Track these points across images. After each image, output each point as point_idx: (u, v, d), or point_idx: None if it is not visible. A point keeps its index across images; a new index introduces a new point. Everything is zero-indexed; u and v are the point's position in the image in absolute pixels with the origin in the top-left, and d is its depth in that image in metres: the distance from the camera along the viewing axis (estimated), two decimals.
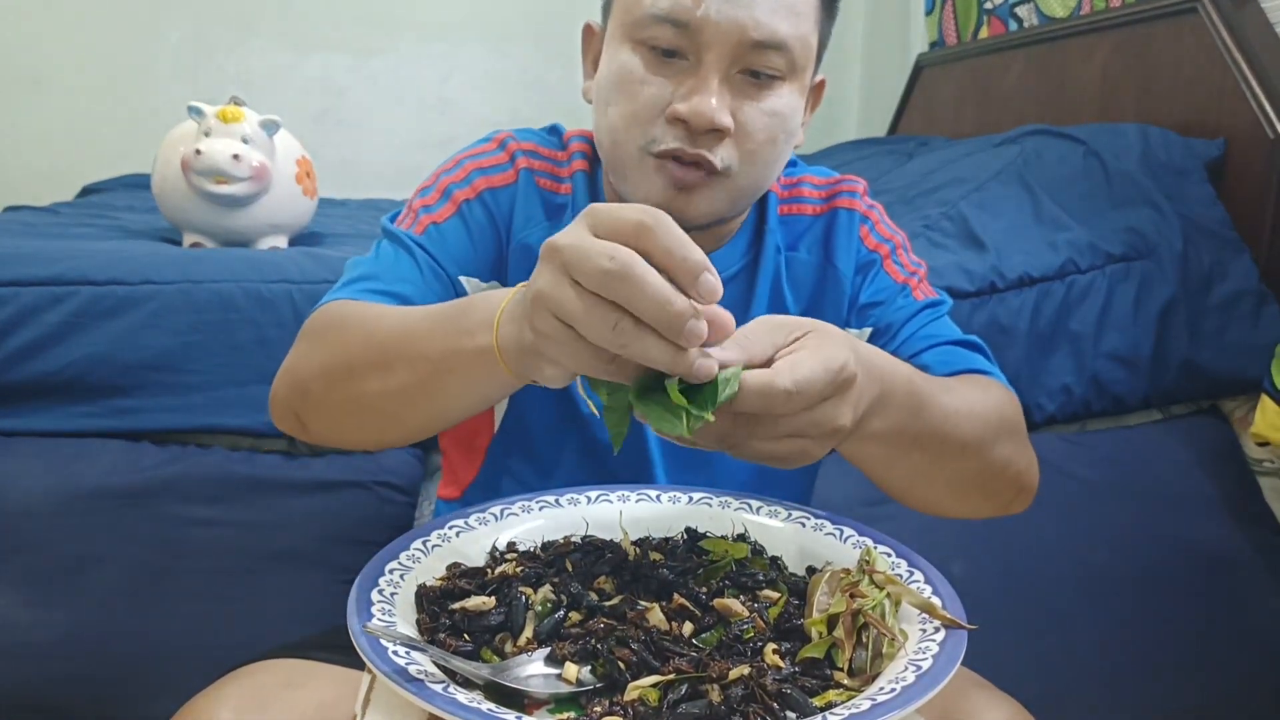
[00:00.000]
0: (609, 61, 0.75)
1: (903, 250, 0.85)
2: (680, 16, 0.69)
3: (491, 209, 0.80)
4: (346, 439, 0.72)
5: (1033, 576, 1.22)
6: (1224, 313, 1.37)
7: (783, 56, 0.71)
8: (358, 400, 0.64)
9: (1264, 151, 1.43)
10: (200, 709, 0.63)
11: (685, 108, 0.70)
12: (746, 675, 0.47)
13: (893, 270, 0.84)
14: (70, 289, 1.15)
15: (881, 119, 2.77)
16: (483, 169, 0.81)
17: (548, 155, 0.83)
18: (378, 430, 0.68)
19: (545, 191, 0.82)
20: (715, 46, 0.70)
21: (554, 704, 0.48)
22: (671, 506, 0.68)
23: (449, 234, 0.78)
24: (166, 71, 2.62)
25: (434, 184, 0.80)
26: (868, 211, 0.86)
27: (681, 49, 0.71)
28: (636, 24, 0.71)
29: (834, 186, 0.86)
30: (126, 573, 1.10)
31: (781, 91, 0.73)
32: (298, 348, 0.70)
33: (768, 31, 0.70)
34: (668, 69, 0.71)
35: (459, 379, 0.59)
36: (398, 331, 0.63)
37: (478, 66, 2.82)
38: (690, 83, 0.71)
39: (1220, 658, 1.23)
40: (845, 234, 0.84)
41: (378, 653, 0.46)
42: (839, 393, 0.53)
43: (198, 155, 1.40)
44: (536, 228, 0.80)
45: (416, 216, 0.78)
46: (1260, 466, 1.35)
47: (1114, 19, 1.82)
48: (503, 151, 0.82)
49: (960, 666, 0.48)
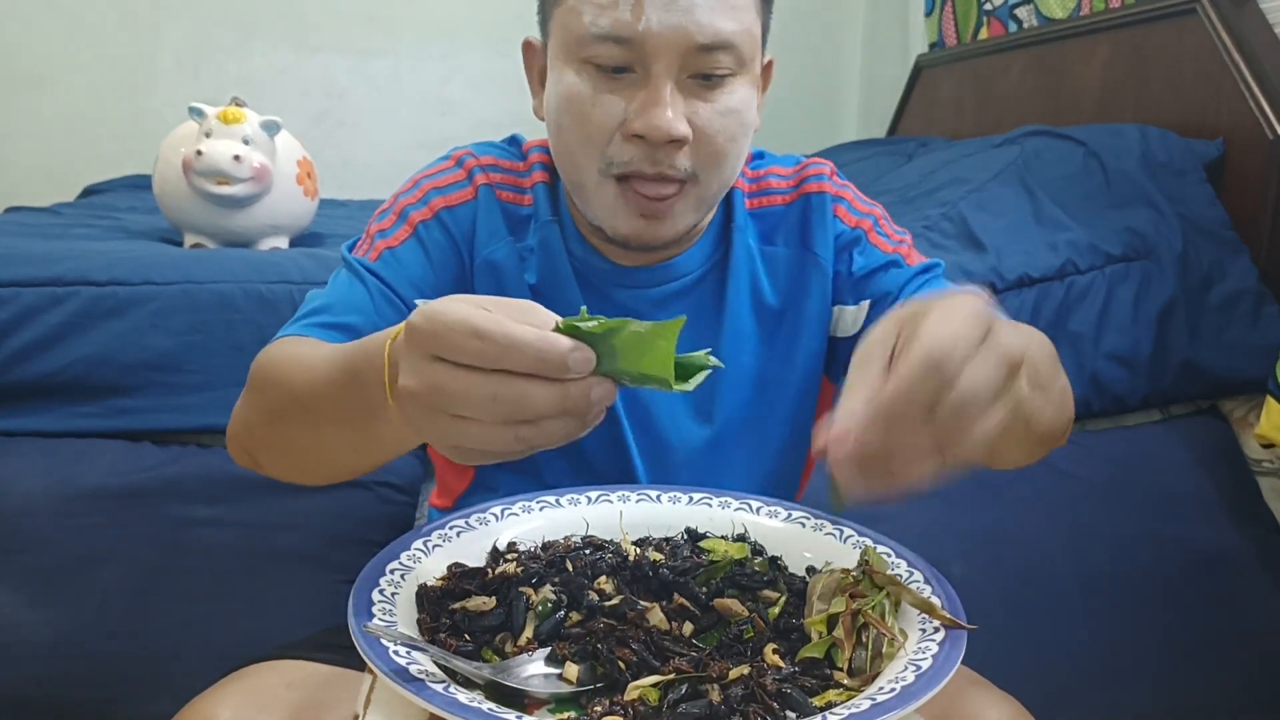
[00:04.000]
0: (555, 83, 0.73)
1: (884, 220, 0.84)
2: (622, 32, 0.68)
3: (450, 228, 0.79)
4: (294, 477, 0.71)
5: (1032, 576, 1.22)
6: (1223, 313, 1.37)
7: (730, 54, 0.70)
8: (292, 446, 0.66)
9: (1263, 152, 1.43)
10: (201, 709, 0.63)
11: (641, 124, 0.69)
12: (746, 675, 0.47)
13: (879, 242, 0.82)
14: (71, 289, 1.16)
15: (881, 120, 2.78)
16: (440, 188, 0.80)
17: (508, 168, 0.82)
18: (321, 470, 0.68)
19: (507, 205, 0.81)
20: (661, 56, 0.68)
21: (554, 704, 0.48)
22: (671, 506, 0.68)
23: (404, 258, 0.77)
24: (167, 72, 2.62)
25: (391, 207, 0.80)
26: (839, 191, 0.84)
27: (628, 63, 0.69)
28: (578, 43, 0.70)
29: (800, 172, 0.84)
30: (127, 573, 1.10)
31: (733, 87, 0.71)
32: (246, 388, 0.70)
33: (711, 33, 0.68)
34: (616, 85, 0.70)
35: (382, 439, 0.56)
36: (311, 382, 0.61)
37: (478, 67, 2.82)
38: (641, 96, 0.69)
39: (1220, 657, 1.24)
40: (819, 218, 0.82)
41: (378, 653, 0.46)
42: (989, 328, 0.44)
43: (199, 156, 1.40)
44: (500, 243, 0.79)
45: (372, 242, 0.78)
46: (1260, 466, 1.35)
47: (1113, 20, 1.82)
48: (460, 169, 0.81)
49: (960, 666, 0.48)
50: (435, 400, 0.46)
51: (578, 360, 0.45)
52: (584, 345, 0.46)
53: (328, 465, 0.66)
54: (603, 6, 0.68)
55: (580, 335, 0.46)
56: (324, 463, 0.66)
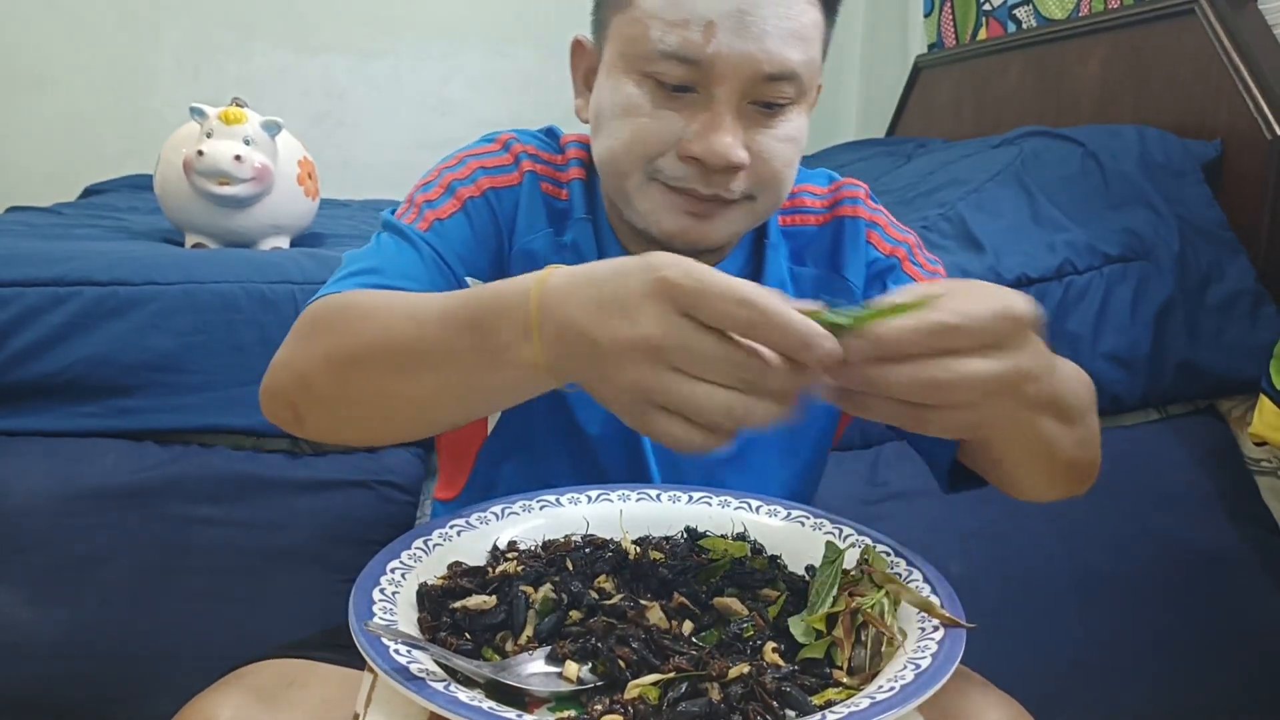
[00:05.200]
0: (611, 91, 0.72)
1: (919, 249, 0.84)
2: (690, 53, 0.67)
3: (495, 208, 0.77)
4: (345, 435, 0.68)
5: (1030, 575, 1.23)
6: (1221, 313, 1.37)
7: (793, 84, 0.69)
8: (369, 397, 0.61)
9: (1261, 153, 1.43)
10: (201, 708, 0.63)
11: (700, 148, 0.68)
12: (746, 674, 0.48)
13: (913, 272, 0.82)
14: (73, 289, 1.16)
15: (880, 120, 2.78)
16: (487, 169, 0.78)
17: (548, 159, 0.81)
18: (385, 428, 0.65)
19: (548, 196, 0.79)
20: (727, 81, 0.67)
21: (555, 702, 0.48)
22: (671, 506, 0.68)
23: (453, 230, 0.75)
24: (168, 73, 2.62)
25: (436, 179, 0.78)
26: (873, 216, 0.83)
27: (690, 83, 0.68)
28: (642, 57, 0.69)
29: (835, 194, 0.84)
30: (129, 572, 1.10)
31: (791, 116, 0.71)
32: (297, 339, 0.66)
33: (779, 63, 0.67)
34: (676, 103, 0.69)
35: (493, 383, 0.55)
36: (413, 329, 0.58)
37: (478, 68, 2.82)
38: (702, 118, 0.68)
39: (1218, 657, 1.24)
40: (852, 243, 0.81)
41: (379, 652, 0.47)
42: (1018, 337, 0.48)
43: (200, 156, 1.40)
44: (540, 233, 0.78)
45: (420, 211, 0.76)
46: (1258, 466, 1.35)
47: (1112, 21, 1.82)
48: (507, 153, 0.80)
49: (959, 665, 0.48)
50: (674, 355, 0.46)
51: (830, 353, 0.46)
52: (834, 339, 0.46)
53: (406, 419, 0.62)
54: (672, 24, 0.67)
55: (828, 326, 0.47)
56: (402, 416, 0.62)
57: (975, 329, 0.47)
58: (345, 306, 0.65)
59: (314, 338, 0.65)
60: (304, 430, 0.67)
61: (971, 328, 0.47)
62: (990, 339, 0.47)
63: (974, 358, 0.47)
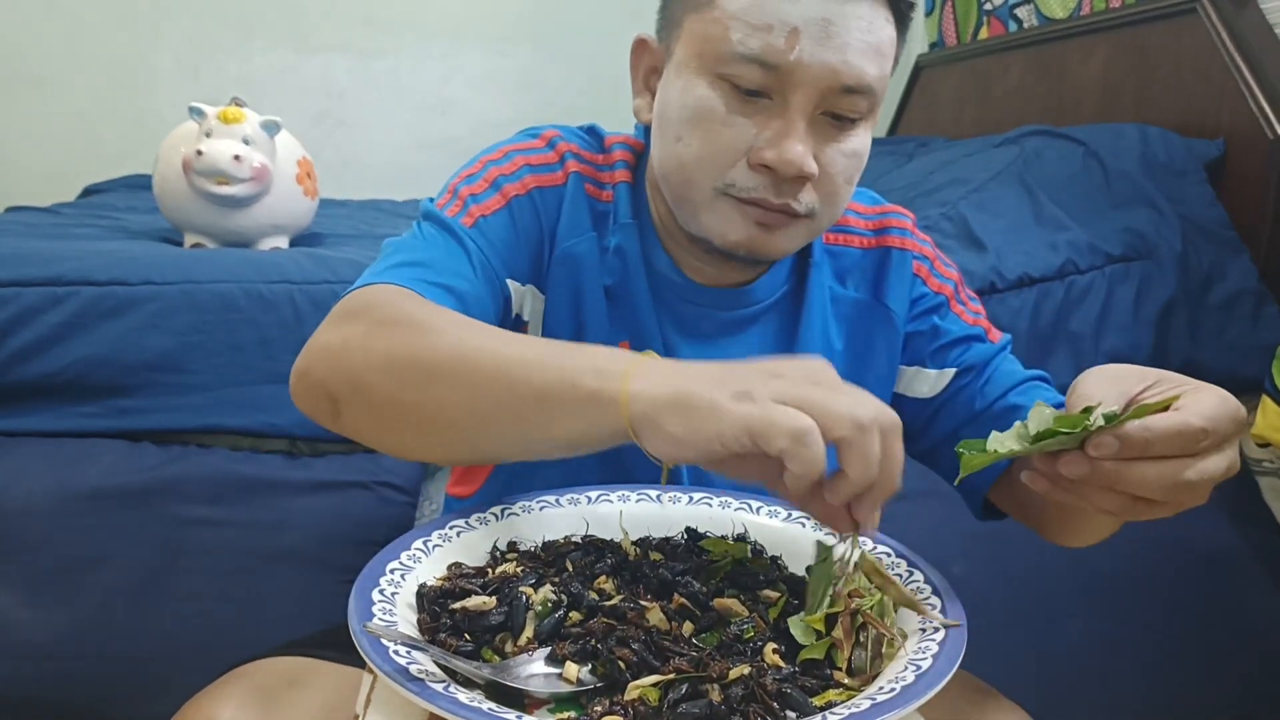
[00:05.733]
0: (682, 92, 0.70)
1: (962, 288, 0.84)
2: (771, 59, 0.66)
3: (539, 209, 0.75)
4: (388, 441, 0.63)
5: (1031, 576, 1.22)
6: (1223, 313, 1.37)
7: (866, 99, 0.69)
8: (430, 412, 0.58)
9: (1263, 152, 1.43)
10: (201, 708, 0.63)
11: (773, 155, 0.67)
12: (746, 675, 0.47)
13: (960, 312, 0.82)
14: (71, 289, 1.16)
15: (882, 119, 2.77)
16: (532, 166, 0.76)
17: (590, 159, 0.79)
18: (435, 445, 0.62)
19: (591, 198, 0.78)
20: (804, 89, 0.67)
21: (554, 703, 0.48)
22: (671, 506, 0.68)
23: (496, 228, 0.73)
24: (168, 72, 2.62)
25: (480, 172, 0.75)
26: (922, 249, 0.83)
27: (766, 89, 0.67)
28: (719, 59, 0.67)
29: (882, 219, 0.84)
30: (127, 572, 1.10)
31: (859, 132, 0.71)
32: (347, 325, 0.62)
33: (857, 75, 0.67)
34: (750, 108, 0.68)
35: (562, 416, 0.54)
36: (497, 349, 0.57)
37: (478, 68, 2.82)
38: (775, 125, 0.68)
39: (1218, 657, 1.24)
40: (898, 274, 0.81)
41: (379, 652, 0.46)
42: (1240, 431, 0.53)
43: (199, 156, 1.40)
44: (583, 236, 0.76)
45: (465, 205, 0.73)
46: (1259, 466, 1.35)
47: (1113, 20, 1.82)
48: (551, 151, 0.78)
49: (963, 670, 0.48)
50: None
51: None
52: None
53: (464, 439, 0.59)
54: (756, 27, 0.66)
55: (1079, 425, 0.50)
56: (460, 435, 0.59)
57: (1219, 432, 0.51)
58: (409, 305, 0.62)
59: (373, 332, 0.60)
60: (338, 424, 0.63)
61: (1216, 431, 0.50)
62: (1225, 439, 0.52)
63: (1210, 457, 0.51)
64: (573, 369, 0.53)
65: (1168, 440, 0.50)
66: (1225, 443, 0.52)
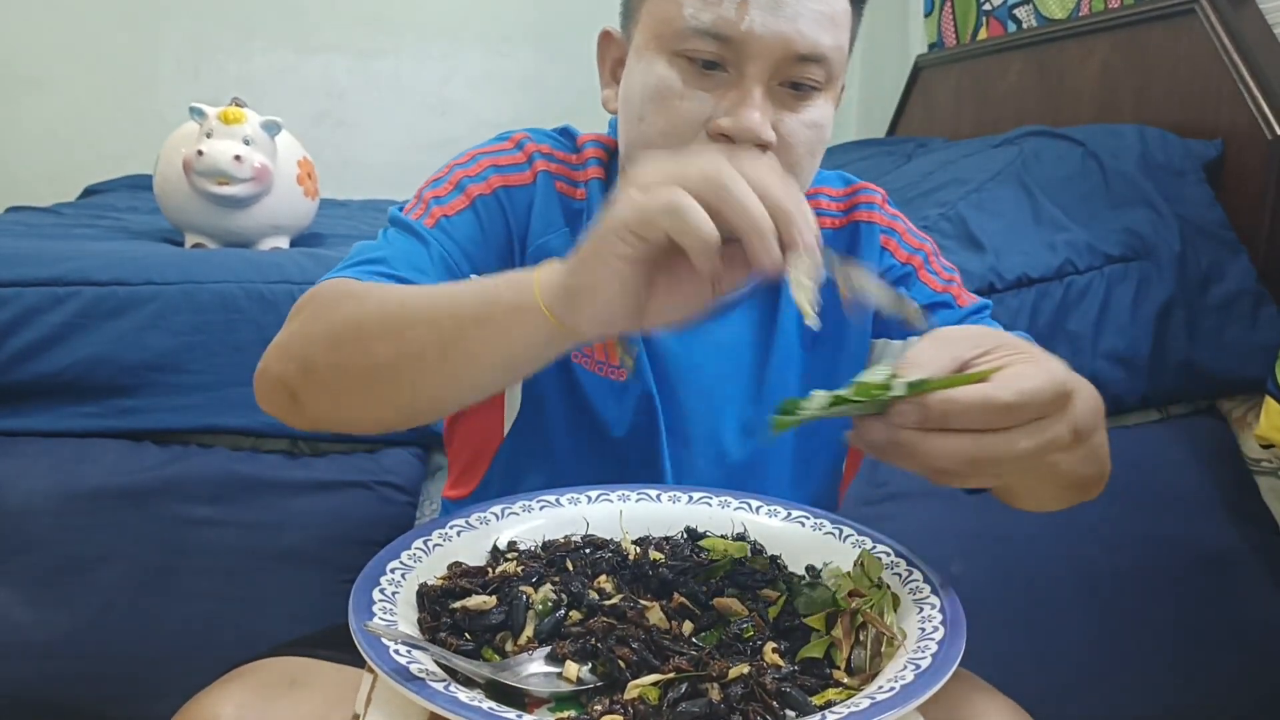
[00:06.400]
0: (642, 73, 0.72)
1: (934, 257, 0.84)
2: (724, 30, 0.67)
3: (506, 208, 0.77)
4: (345, 416, 0.66)
5: (1031, 575, 1.23)
6: (1222, 313, 1.37)
7: (822, 68, 0.70)
8: (367, 367, 0.61)
9: (1261, 152, 1.43)
10: (202, 707, 0.63)
11: (729, 123, 0.68)
12: (746, 674, 0.48)
13: (929, 280, 0.82)
14: (72, 289, 1.16)
15: (880, 120, 2.78)
16: (499, 167, 0.78)
17: (563, 159, 0.81)
18: (383, 403, 0.64)
19: (563, 196, 0.79)
20: (758, 59, 0.68)
21: (554, 703, 0.48)
22: (671, 506, 0.68)
23: (460, 227, 0.75)
24: (168, 73, 2.62)
25: (446, 176, 0.78)
26: (890, 223, 0.84)
27: (722, 61, 0.69)
28: (675, 35, 0.69)
29: (852, 197, 0.84)
30: (128, 572, 1.10)
31: (819, 102, 0.71)
32: (297, 320, 0.66)
33: (811, 44, 0.68)
34: (707, 81, 0.69)
35: (487, 334, 0.56)
36: (420, 292, 0.61)
37: (478, 68, 2.82)
38: (732, 95, 0.69)
39: (1218, 657, 1.24)
40: (867, 248, 0.82)
41: (379, 652, 0.46)
42: (1062, 409, 0.49)
43: (199, 156, 1.40)
44: (556, 232, 0.78)
45: (428, 208, 0.76)
46: (1258, 466, 1.35)
47: (1112, 20, 1.82)
48: (519, 152, 0.80)
49: (961, 668, 0.48)
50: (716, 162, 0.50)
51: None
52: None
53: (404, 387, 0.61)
54: (707, 1, 0.68)
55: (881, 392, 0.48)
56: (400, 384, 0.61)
57: (1028, 408, 0.47)
58: (348, 287, 0.65)
59: (315, 317, 0.64)
60: (301, 414, 0.66)
61: (1024, 407, 0.47)
62: (1037, 415, 0.48)
63: (1016, 433, 0.48)
64: (491, 288, 0.57)
65: (968, 413, 0.47)
66: (1040, 421, 0.48)
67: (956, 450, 0.47)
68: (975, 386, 0.47)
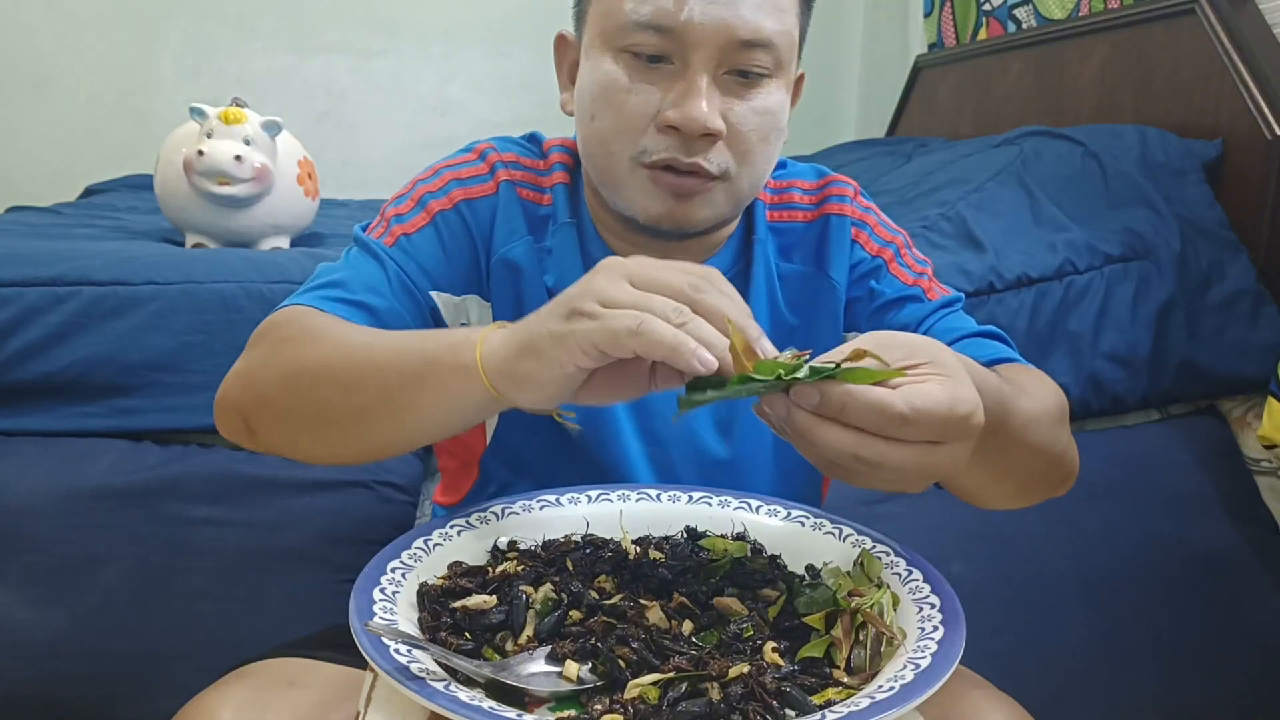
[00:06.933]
0: (590, 71, 0.73)
1: (906, 250, 0.83)
2: (664, 22, 0.68)
3: (468, 221, 0.78)
4: (299, 451, 0.69)
5: (1030, 575, 1.23)
6: (1222, 313, 1.37)
7: (769, 54, 0.70)
8: (318, 411, 0.63)
9: (1261, 152, 1.43)
10: (202, 708, 0.63)
11: (676, 114, 0.69)
12: (746, 673, 0.48)
13: (899, 273, 0.82)
14: (73, 289, 1.16)
15: (880, 120, 2.78)
16: (461, 180, 0.79)
17: (529, 166, 0.81)
18: (334, 445, 0.66)
19: (527, 203, 0.80)
20: (701, 49, 0.68)
21: (555, 702, 0.48)
22: (671, 506, 0.68)
23: (421, 245, 0.76)
24: (168, 73, 2.62)
25: (409, 192, 0.79)
26: (863, 215, 0.83)
27: (666, 53, 0.69)
28: (618, 31, 0.70)
29: (823, 190, 0.84)
30: (128, 572, 1.10)
31: (769, 88, 0.72)
32: (255, 350, 0.68)
33: (754, 30, 0.69)
34: (653, 75, 0.70)
35: (430, 394, 0.58)
36: (370, 344, 0.63)
37: (478, 68, 2.82)
38: (679, 87, 0.69)
39: (1218, 657, 1.24)
40: (838, 241, 0.81)
41: (379, 651, 0.47)
42: (960, 438, 0.49)
43: (200, 156, 1.40)
44: (519, 241, 0.78)
45: (389, 226, 0.77)
46: (1258, 466, 1.36)
47: (1112, 20, 1.82)
48: (483, 163, 0.80)
49: (962, 668, 0.48)
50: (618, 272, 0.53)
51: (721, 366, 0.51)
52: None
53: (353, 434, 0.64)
54: None
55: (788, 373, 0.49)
56: (350, 430, 0.64)
57: (920, 426, 0.48)
58: (303, 323, 0.67)
59: (273, 353, 0.67)
60: (255, 441, 0.69)
61: (919, 424, 0.47)
62: (932, 436, 0.48)
63: (906, 446, 0.48)
64: (432, 349, 0.59)
65: (862, 411, 0.47)
66: (935, 443, 0.49)
67: (842, 443, 0.48)
68: (878, 389, 0.47)
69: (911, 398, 0.48)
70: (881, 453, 0.48)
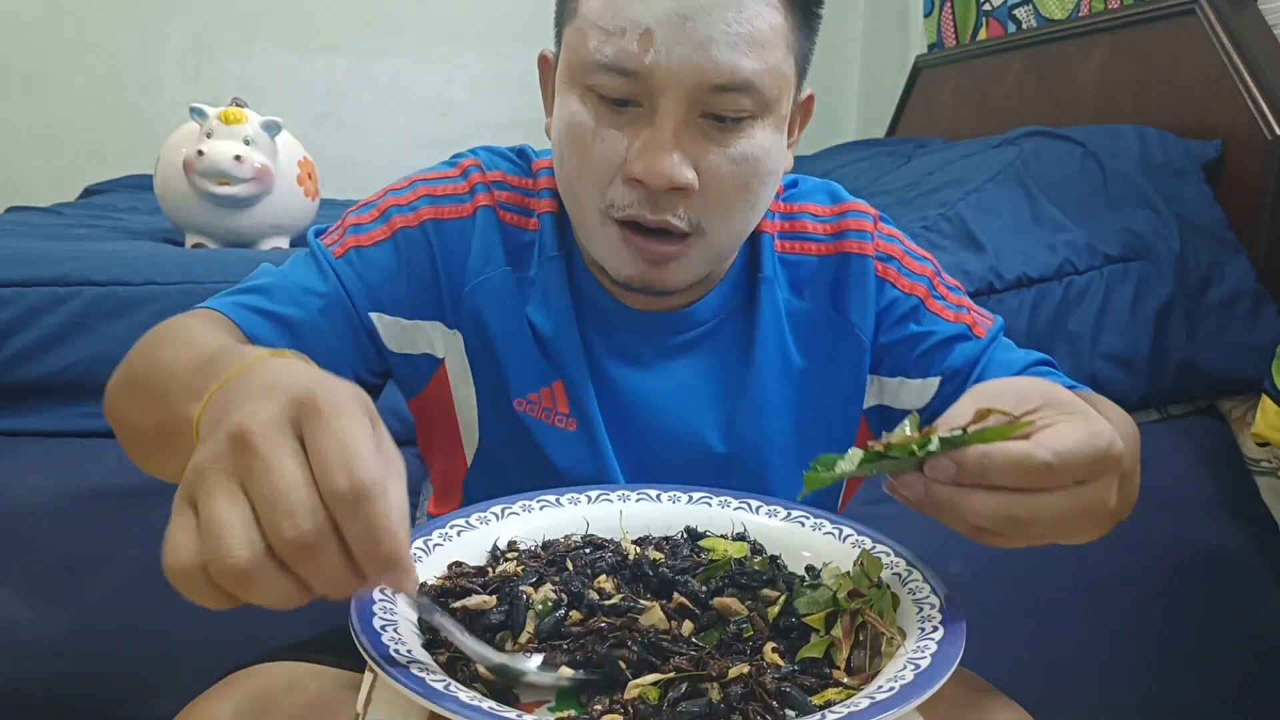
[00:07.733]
0: (560, 107, 0.67)
1: (938, 279, 0.77)
2: (628, 64, 0.61)
3: (433, 242, 0.72)
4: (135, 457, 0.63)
5: (1030, 575, 1.23)
6: (1221, 313, 1.37)
7: (749, 96, 0.63)
8: (127, 430, 0.60)
9: (1261, 152, 1.43)
10: (202, 710, 0.63)
11: (640, 168, 0.62)
12: (746, 673, 0.48)
13: (939, 310, 0.75)
14: (73, 289, 1.16)
15: (880, 120, 2.78)
16: (434, 196, 0.73)
17: (516, 185, 0.75)
18: (147, 465, 0.60)
19: (509, 228, 0.74)
20: (668, 94, 0.62)
21: (554, 702, 0.48)
22: (671, 506, 0.68)
23: (373, 261, 0.70)
24: (169, 73, 2.63)
25: (375, 201, 0.73)
26: (888, 248, 0.76)
27: (632, 97, 0.63)
28: (583, 69, 0.64)
29: (839, 221, 0.77)
30: (128, 573, 1.10)
31: (751, 133, 0.64)
32: (131, 353, 0.63)
33: (728, 72, 0.61)
34: (620, 119, 0.64)
35: (158, 447, 0.53)
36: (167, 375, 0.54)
37: (478, 69, 2.82)
38: (645, 135, 0.63)
39: (1218, 657, 1.24)
40: (858, 283, 0.75)
41: (379, 651, 0.47)
42: (1104, 472, 0.47)
43: (200, 156, 1.41)
44: (497, 270, 0.73)
45: (343, 235, 0.72)
46: (1258, 466, 1.35)
47: (1112, 20, 1.82)
48: (463, 181, 0.74)
49: (962, 669, 0.48)
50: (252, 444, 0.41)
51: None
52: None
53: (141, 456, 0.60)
54: (609, 33, 0.62)
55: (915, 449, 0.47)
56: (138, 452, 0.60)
57: (1067, 471, 0.45)
58: (179, 330, 0.62)
59: (131, 356, 0.62)
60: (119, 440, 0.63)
61: (1064, 468, 0.45)
62: (1079, 478, 0.46)
63: (1057, 494, 0.46)
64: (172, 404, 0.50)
65: (1005, 470, 0.45)
66: (1083, 483, 0.46)
67: (993, 508, 0.46)
68: (1015, 444, 0.45)
69: (1050, 443, 0.45)
70: (1034, 507, 0.45)
